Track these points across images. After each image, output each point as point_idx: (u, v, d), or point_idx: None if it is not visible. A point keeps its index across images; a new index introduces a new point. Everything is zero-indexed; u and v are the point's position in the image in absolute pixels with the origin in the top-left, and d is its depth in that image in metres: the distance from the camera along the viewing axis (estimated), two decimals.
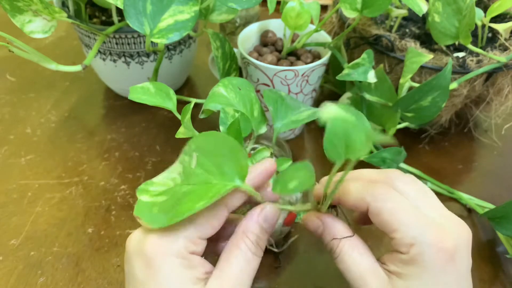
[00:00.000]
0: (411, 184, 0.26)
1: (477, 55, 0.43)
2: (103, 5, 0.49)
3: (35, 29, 0.38)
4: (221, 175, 0.24)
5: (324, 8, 0.72)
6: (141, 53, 0.50)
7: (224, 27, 0.63)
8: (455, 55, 0.44)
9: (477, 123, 0.55)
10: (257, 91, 0.47)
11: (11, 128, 0.53)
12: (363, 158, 0.38)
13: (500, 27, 0.45)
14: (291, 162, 0.33)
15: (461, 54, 0.44)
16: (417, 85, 0.41)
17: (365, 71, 0.40)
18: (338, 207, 0.28)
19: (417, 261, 0.23)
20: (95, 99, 0.58)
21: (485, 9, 0.45)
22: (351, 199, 0.26)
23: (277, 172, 0.33)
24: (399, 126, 0.43)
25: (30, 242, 0.41)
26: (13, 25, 0.37)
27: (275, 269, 0.39)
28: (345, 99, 0.48)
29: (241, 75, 0.48)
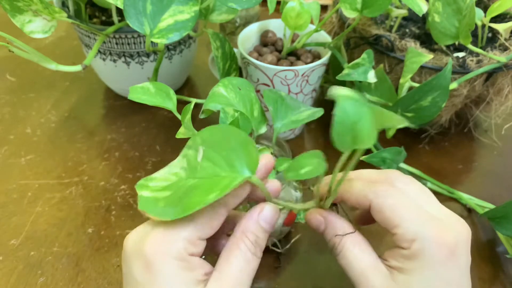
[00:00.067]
0: (410, 184, 0.26)
1: (477, 55, 0.43)
2: (103, 5, 0.49)
3: (35, 29, 0.38)
4: (230, 167, 0.23)
5: (324, 8, 0.72)
6: (141, 53, 0.50)
7: (224, 27, 0.63)
8: (455, 55, 0.44)
9: (477, 123, 0.55)
10: (257, 91, 0.47)
11: (11, 128, 0.53)
12: (363, 158, 0.38)
13: (500, 27, 0.45)
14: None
15: (461, 54, 0.44)
16: (417, 85, 0.41)
17: (365, 71, 0.40)
18: (339, 205, 0.28)
19: (418, 256, 0.23)
20: (95, 99, 0.58)
21: (485, 9, 0.45)
22: (353, 197, 0.26)
23: (277, 171, 0.33)
24: (399, 126, 0.43)
25: (30, 242, 0.41)
26: (13, 25, 0.37)
27: (275, 269, 0.39)
28: None
29: (241, 75, 0.48)
